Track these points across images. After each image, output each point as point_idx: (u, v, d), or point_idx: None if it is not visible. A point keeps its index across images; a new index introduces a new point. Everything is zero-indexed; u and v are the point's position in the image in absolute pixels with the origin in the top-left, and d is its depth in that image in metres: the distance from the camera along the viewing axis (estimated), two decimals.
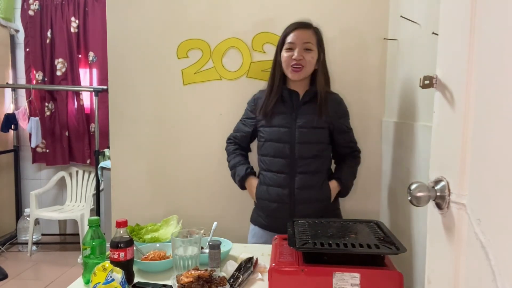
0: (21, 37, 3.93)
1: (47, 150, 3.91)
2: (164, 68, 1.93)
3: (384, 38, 1.78)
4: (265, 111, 1.54)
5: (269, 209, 1.56)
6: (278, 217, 1.53)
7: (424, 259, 0.78)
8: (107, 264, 1.02)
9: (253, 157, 1.69)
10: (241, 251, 1.40)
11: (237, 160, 1.64)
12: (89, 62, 3.84)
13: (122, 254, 1.14)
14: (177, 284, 1.05)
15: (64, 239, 3.99)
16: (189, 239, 1.19)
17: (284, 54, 1.50)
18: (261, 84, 1.68)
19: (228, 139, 1.71)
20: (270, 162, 1.54)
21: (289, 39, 1.49)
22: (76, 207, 3.82)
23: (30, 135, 3.75)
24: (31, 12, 3.80)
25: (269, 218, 1.57)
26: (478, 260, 0.57)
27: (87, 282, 1.14)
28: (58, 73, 3.82)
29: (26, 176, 4.08)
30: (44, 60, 3.84)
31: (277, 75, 1.54)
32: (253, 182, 1.60)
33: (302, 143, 1.50)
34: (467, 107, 0.62)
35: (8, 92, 3.97)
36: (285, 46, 1.49)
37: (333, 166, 1.65)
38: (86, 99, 3.93)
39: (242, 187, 1.64)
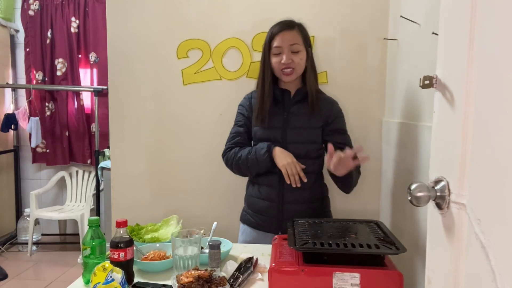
0: (21, 37, 3.93)
1: (47, 150, 3.92)
2: (164, 68, 1.93)
3: (384, 38, 1.78)
4: (262, 117, 1.52)
5: (258, 207, 1.56)
6: (266, 216, 1.54)
7: (424, 259, 0.78)
8: (107, 264, 1.02)
9: None
10: (241, 251, 1.40)
11: (247, 149, 1.52)
12: (91, 62, 3.84)
13: (122, 254, 1.14)
14: (177, 284, 1.05)
15: (64, 239, 4.00)
16: (189, 239, 1.19)
17: (273, 59, 1.49)
18: None
19: (226, 150, 1.59)
20: None
21: (275, 43, 1.47)
22: (76, 207, 3.82)
23: (30, 135, 3.76)
24: (31, 12, 3.81)
25: (258, 216, 1.57)
26: (478, 260, 0.57)
27: (87, 282, 1.14)
28: (58, 73, 3.83)
29: (26, 176, 4.09)
30: (44, 60, 3.85)
31: (267, 79, 1.52)
32: (279, 149, 1.46)
33: (294, 143, 1.49)
34: (467, 107, 0.62)
35: (8, 92, 3.97)
36: (273, 51, 1.49)
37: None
38: (86, 99, 3.94)
39: (271, 157, 1.45)
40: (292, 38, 1.47)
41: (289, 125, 1.51)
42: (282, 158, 1.44)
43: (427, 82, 0.73)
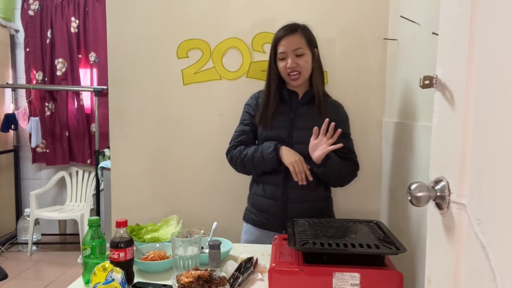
0: (21, 37, 3.93)
1: (47, 150, 3.92)
2: (164, 68, 1.93)
3: (384, 38, 1.78)
4: (265, 121, 1.53)
5: (262, 206, 1.57)
6: (270, 215, 1.55)
7: (424, 259, 0.78)
8: (107, 264, 1.02)
9: None
10: (241, 251, 1.40)
11: (253, 147, 1.53)
12: (91, 62, 3.84)
13: (122, 254, 1.14)
14: (177, 284, 1.05)
15: (64, 239, 4.00)
16: (189, 239, 1.19)
17: (280, 64, 1.52)
18: (261, 84, 1.68)
19: (230, 148, 1.59)
20: None
21: (280, 48, 1.50)
22: (76, 207, 3.82)
23: (30, 135, 3.76)
24: (31, 12, 3.81)
25: (262, 215, 1.57)
26: (478, 260, 0.57)
27: (87, 282, 1.14)
28: (58, 73, 3.83)
29: (26, 176, 4.09)
30: (44, 60, 3.85)
31: (273, 84, 1.54)
32: (286, 148, 1.48)
33: (299, 144, 1.50)
34: (467, 107, 0.62)
35: (8, 92, 3.97)
36: (278, 56, 1.52)
37: None
38: (86, 99, 3.94)
39: (277, 156, 1.46)
40: (295, 42, 1.49)
41: (295, 126, 1.52)
42: (290, 156, 1.46)
43: (427, 82, 0.73)
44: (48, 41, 3.81)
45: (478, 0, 0.60)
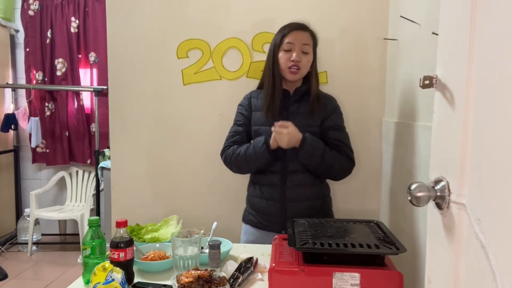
0: (21, 37, 3.93)
1: (47, 150, 3.92)
2: (164, 68, 1.93)
3: (384, 38, 1.78)
4: (273, 111, 1.51)
5: (261, 207, 1.57)
6: (269, 215, 1.55)
7: (424, 259, 0.78)
8: (107, 264, 1.03)
9: None
10: (241, 251, 1.40)
11: (245, 145, 1.53)
12: (91, 62, 3.84)
13: (122, 254, 1.14)
14: (177, 284, 1.05)
15: (64, 239, 4.00)
16: (189, 239, 1.19)
17: (282, 55, 1.50)
18: None
19: (224, 148, 1.60)
20: None
21: (288, 39, 1.49)
22: (76, 207, 3.82)
23: (30, 135, 3.76)
24: (31, 12, 3.81)
25: (261, 216, 1.57)
26: (478, 260, 0.57)
27: (87, 282, 1.14)
28: (58, 73, 3.83)
29: (26, 176, 4.09)
30: (44, 60, 3.85)
31: (277, 74, 1.52)
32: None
33: None
34: (467, 107, 0.62)
35: (8, 92, 3.97)
36: (283, 47, 1.50)
37: None
38: (86, 99, 3.94)
39: (268, 149, 1.46)
40: (305, 38, 1.50)
41: None
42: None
43: (427, 82, 0.73)
44: (48, 41, 3.81)
45: (478, 0, 0.60)
